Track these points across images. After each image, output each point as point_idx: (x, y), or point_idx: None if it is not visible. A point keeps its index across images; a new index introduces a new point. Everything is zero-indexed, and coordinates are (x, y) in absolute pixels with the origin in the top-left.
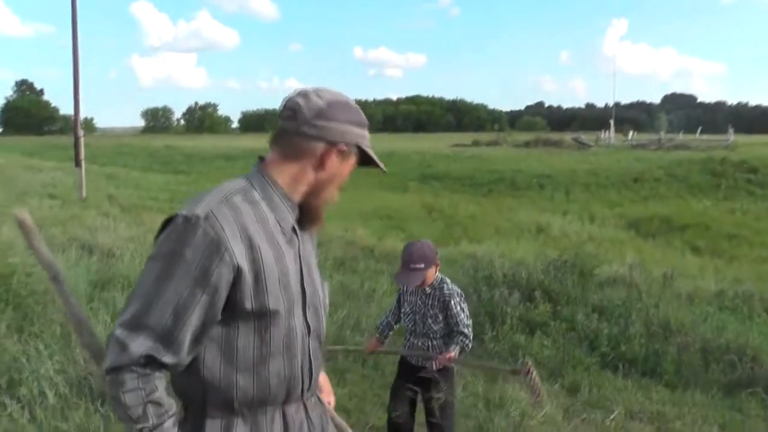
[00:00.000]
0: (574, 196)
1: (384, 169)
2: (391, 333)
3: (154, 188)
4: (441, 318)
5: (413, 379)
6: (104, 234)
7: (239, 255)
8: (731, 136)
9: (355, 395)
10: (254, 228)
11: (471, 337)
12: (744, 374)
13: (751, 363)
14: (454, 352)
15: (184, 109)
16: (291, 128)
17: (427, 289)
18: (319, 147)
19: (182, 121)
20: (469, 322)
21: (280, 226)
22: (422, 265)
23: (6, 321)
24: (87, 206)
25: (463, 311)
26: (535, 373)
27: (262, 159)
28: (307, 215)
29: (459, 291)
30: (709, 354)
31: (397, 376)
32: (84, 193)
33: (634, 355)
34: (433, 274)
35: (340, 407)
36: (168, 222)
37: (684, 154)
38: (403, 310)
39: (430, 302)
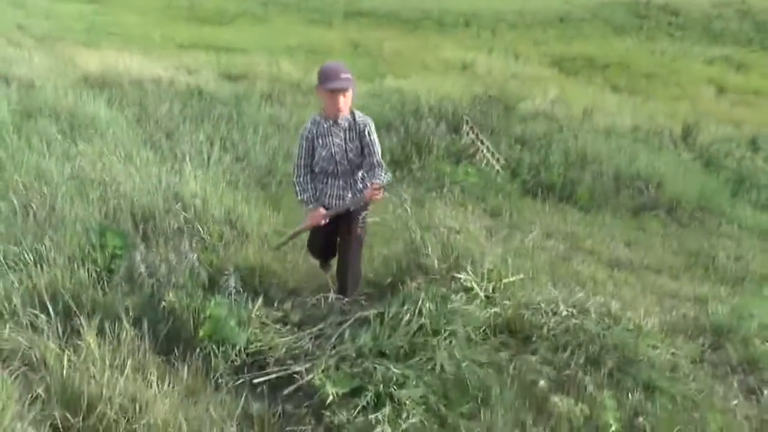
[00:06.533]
0: (501, 35)
1: None
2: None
3: (68, 18)
4: (360, 149)
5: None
6: (21, 65)
7: None
8: None
9: (292, 222)
10: None
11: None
12: (649, 198)
13: (657, 189)
14: (380, 183)
15: None
16: None
17: (341, 122)
18: None
19: None
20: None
21: None
22: (350, 76)
23: None
24: None
25: (377, 138)
26: None
27: None
28: None
29: (370, 119)
30: (621, 181)
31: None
32: None
33: (553, 182)
34: (353, 97)
35: (277, 232)
36: None
37: None
38: (318, 156)
39: (349, 136)
